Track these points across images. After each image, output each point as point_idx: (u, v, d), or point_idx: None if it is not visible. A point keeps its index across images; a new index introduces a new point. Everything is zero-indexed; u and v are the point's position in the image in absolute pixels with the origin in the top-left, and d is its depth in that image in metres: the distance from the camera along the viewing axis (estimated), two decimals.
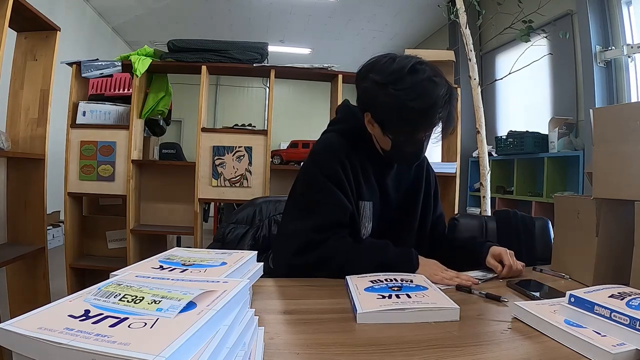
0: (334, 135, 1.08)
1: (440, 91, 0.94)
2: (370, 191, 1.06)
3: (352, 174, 1.02)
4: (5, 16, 1.63)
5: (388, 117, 0.97)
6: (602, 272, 0.92)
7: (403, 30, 6.58)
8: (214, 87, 8.99)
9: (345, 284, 0.84)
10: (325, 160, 1.02)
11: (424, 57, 1.06)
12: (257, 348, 0.49)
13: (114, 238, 2.47)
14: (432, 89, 0.93)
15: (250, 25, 6.62)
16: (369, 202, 1.05)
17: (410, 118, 0.94)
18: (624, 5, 3.38)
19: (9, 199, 1.97)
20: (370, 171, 1.06)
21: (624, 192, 0.86)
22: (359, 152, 1.05)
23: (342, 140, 1.06)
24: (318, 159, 1.05)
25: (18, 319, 0.36)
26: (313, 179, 1.02)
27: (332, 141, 1.07)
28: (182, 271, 0.58)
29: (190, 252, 0.69)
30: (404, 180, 1.14)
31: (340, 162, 1.01)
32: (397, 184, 1.12)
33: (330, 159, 1.02)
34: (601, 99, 3.38)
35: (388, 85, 0.93)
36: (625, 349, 0.53)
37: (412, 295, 0.74)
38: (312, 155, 1.07)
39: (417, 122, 0.95)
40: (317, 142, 1.10)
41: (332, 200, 0.99)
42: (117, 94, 2.67)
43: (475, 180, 3.90)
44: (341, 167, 1.01)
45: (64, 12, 4.95)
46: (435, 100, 0.93)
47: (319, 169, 1.02)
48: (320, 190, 1.00)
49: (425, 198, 1.17)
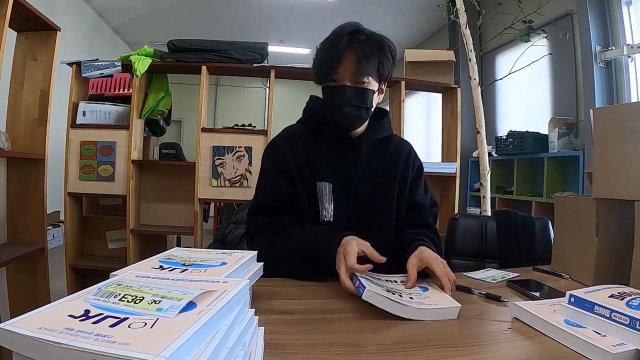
0: (295, 125, 1.15)
1: (344, 26, 1.01)
2: (330, 173, 1.05)
3: (307, 158, 1.06)
4: (5, 16, 1.63)
5: (314, 70, 1.05)
6: (602, 272, 0.92)
7: (403, 30, 6.58)
8: (214, 87, 8.99)
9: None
10: (274, 147, 1.10)
11: (424, 57, 1.08)
12: (257, 348, 0.49)
13: (114, 238, 2.47)
14: (338, 27, 1.02)
15: (250, 25, 6.62)
16: (328, 184, 1.04)
17: (320, 58, 1.02)
18: (624, 5, 3.38)
19: (9, 199, 1.97)
20: (333, 155, 1.07)
21: (624, 192, 0.86)
22: (321, 137, 1.09)
23: (301, 129, 1.12)
24: (269, 146, 1.12)
25: (18, 319, 0.36)
26: (262, 166, 1.11)
27: (289, 130, 1.14)
28: (182, 271, 0.58)
29: (190, 252, 0.69)
30: (377, 165, 1.11)
31: (290, 147, 1.07)
32: (368, 168, 1.09)
33: (279, 146, 1.09)
34: (601, 99, 3.38)
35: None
36: (625, 349, 0.53)
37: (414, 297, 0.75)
38: (270, 143, 1.14)
39: (326, 57, 1.00)
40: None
41: (269, 186, 1.06)
42: (117, 94, 2.67)
43: (475, 180, 3.90)
44: (291, 153, 1.06)
45: (64, 12, 4.95)
46: (337, 33, 1.00)
47: (267, 156, 1.10)
48: (261, 177, 1.10)
49: (402, 183, 1.12)
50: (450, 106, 2.84)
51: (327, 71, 1.00)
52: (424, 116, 6.59)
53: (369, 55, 0.98)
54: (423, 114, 6.59)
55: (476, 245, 1.45)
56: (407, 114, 2.67)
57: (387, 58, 1.02)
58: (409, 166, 1.14)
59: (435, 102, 5.24)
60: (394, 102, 2.73)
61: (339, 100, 1.01)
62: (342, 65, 0.99)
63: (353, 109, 1.02)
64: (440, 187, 2.88)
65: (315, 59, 1.04)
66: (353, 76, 0.99)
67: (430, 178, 2.77)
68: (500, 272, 1.04)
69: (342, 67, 0.99)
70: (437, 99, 3.54)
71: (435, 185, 2.88)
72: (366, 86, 1.01)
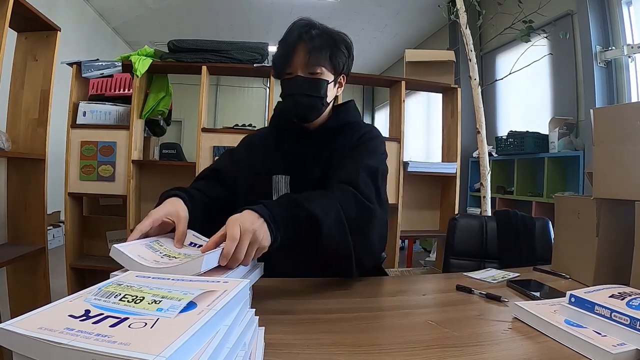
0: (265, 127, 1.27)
1: (297, 22, 1.06)
2: (286, 165, 1.08)
3: (265, 151, 1.12)
4: (5, 16, 1.63)
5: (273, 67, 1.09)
6: (602, 272, 0.92)
7: (403, 30, 6.58)
8: (214, 87, 8.99)
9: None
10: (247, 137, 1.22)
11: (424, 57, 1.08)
12: (257, 348, 0.49)
13: (114, 238, 2.46)
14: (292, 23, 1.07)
15: (251, 25, 6.62)
16: (285, 176, 1.06)
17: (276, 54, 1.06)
18: (624, 5, 3.38)
19: (9, 199, 1.97)
20: (290, 149, 1.10)
21: (624, 192, 0.86)
22: (283, 134, 1.14)
23: (268, 128, 1.22)
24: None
25: (18, 319, 0.36)
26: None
27: (262, 128, 1.30)
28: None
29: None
30: (323, 153, 1.07)
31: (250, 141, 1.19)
32: (316, 157, 1.07)
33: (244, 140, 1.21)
34: (601, 99, 3.38)
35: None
36: (625, 349, 0.53)
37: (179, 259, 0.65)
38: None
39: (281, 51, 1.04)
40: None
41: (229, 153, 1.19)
42: (117, 94, 2.67)
43: (476, 180, 3.90)
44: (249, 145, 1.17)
45: (64, 12, 4.95)
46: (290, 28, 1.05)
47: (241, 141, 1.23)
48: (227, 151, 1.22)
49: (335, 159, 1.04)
50: (450, 106, 2.84)
51: (282, 64, 1.05)
52: (424, 116, 6.59)
53: (319, 47, 1.03)
54: (423, 114, 6.60)
55: (476, 245, 1.45)
56: (407, 114, 2.68)
57: (339, 50, 1.06)
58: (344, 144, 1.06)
59: (435, 102, 5.24)
60: (394, 102, 2.73)
61: (292, 90, 1.05)
62: (294, 58, 1.03)
63: (306, 98, 1.04)
64: (440, 187, 2.89)
65: (274, 56, 1.09)
66: (305, 67, 1.03)
67: (431, 178, 2.80)
68: (500, 272, 1.04)
69: (295, 59, 1.03)
70: (437, 99, 3.54)
71: (435, 186, 2.88)
72: (319, 76, 1.04)
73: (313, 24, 1.07)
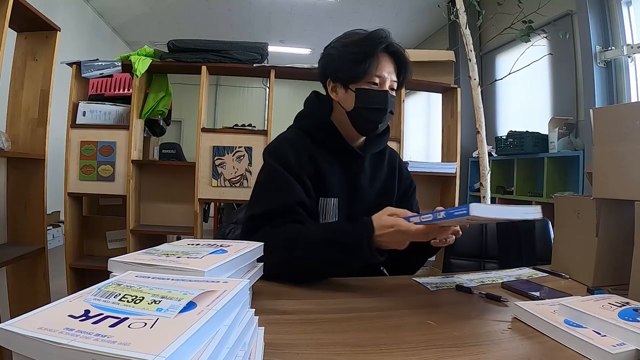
0: (295, 131, 1.08)
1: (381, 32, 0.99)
2: (335, 187, 1.02)
3: (312, 169, 1.00)
4: (5, 16, 1.63)
5: (340, 64, 1.00)
6: (602, 272, 0.92)
7: (403, 30, 6.57)
8: (214, 87, 8.99)
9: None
10: (279, 150, 1.01)
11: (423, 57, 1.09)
12: (257, 348, 0.49)
13: (114, 238, 2.47)
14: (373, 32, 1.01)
15: (251, 25, 6.62)
16: (333, 199, 1.01)
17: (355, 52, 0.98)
18: (624, 5, 3.39)
19: (9, 199, 1.97)
20: (338, 166, 1.03)
21: (624, 192, 0.86)
22: (324, 147, 1.04)
23: (302, 136, 1.05)
24: (274, 150, 1.03)
25: (18, 319, 0.36)
26: (267, 167, 1.01)
27: (290, 136, 1.06)
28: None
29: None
30: (378, 176, 1.10)
31: (295, 153, 0.99)
32: (371, 180, 1.08)
33: (284, 149, 1.01)
34: (601, 99, 3.38)
35: (337, 44, 1.03)
36: (625, 349, 0.53)
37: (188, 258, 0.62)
38: (268, 149, 1.05)
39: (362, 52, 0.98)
40: (277, 137, 1.09)
41: (283, 187, 0.95)
42: (117, 94, 2.67)
43: (475, 180, 3.90)
44: (296, 158, 0.98)
45: (64, 12, 4.95)
46: (372, 33, 0.99)
47: (273, 159, 1.00)
48: (272, 179, 0.98)
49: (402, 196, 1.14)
50: (450, 106, 2.83)
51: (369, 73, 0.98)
52: (424, 116, 6.59)
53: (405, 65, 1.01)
54: (423, 114, 6.60)
55: (476, 245, 1.45)
56: (407, 114, 2.68)
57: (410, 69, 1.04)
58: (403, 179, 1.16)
59: (435, 102, 5.24)
60: None
61: (382, 104, 0.99)
62: (387, 71, 0.99)
63: (388, 116, 1.02)
64: (440, 187, 2.88)
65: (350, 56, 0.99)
66: (392, 83, 1.00)
67: (430, 178, 2.80)
68: (500, 272, 1.04)
69: (387, 73, 0.99)
70: (437, 99, 3.54)
71: (435, 185, 2.88)
72: (394, 93, 1.03)
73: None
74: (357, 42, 0.99)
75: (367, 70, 0.98)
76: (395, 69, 1.01)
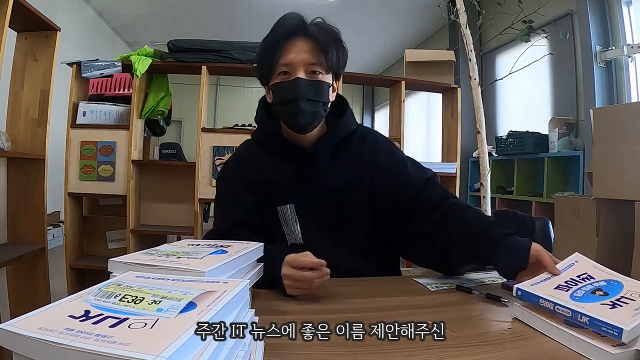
0: (246, 143, 1.08)
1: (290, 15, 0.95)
2: (290, 192, 0.96)
3: (259, 180, 0.97)
4: (5, 16, 1.63)
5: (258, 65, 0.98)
6: None
7: (403, 30, 6.58)
8: (214, 87, 8.99)
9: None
10: (224, 170, 1.05)
11: (424, 57, 1.07)
12: (257, 348, 0.49)
13: (114, 238, 2.47)
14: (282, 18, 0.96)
15: (251, 25, 6.62)
16: (289, 205, 0.95)
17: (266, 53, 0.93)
18: (624, 5, 3.39)
19: (9, 199, 1.97)
20: (290, 171, 0.97)
21: (624, 192, 0.86)
22: (273, 152, 1.00)
23: (254, 147, 1.04)
24: (223, 170, 1.06)
25: (18, 319, 0.36)
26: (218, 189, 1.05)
27: (239, 150, 1.08)
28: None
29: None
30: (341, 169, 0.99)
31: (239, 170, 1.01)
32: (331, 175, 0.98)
33: (228, 168, 1.04)
34: (601, 99, 3.38)
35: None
36: (625, 349, 0.53)
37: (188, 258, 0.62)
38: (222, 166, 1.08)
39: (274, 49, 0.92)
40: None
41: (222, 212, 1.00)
42: (117, 94, 2.67)
43: (475, 180, 3.90)
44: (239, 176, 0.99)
45: (64, 12, 4.95)
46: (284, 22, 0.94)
47: (219, 179, 1.06)
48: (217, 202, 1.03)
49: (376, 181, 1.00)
50: (450, 106, 2.84)
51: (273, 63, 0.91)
52: (424, 116, 6.59)
53: (325, 45, 0.91)
54: (423, 114, 6.60)
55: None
56: (407, 114, 2.68)
57: (343, 49, 0.95)
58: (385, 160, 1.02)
59: (435, 102, 5.24)
60: (394, 102, 2.73)
61: (293, 95, 0.90)
62: (292, 56, 0.90)
63: (310, 105, 0.91)
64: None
65: (261, 56, 0.95)
66: (306, 67, 0.90)
67: None
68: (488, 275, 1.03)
69: (293, 57, 0.90)
70: (437, 99, 3.54)
71: None
72: (321, 79, 0.92)
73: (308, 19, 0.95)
74: (265, 39, 0.96)
75: (272, 62, 0.91)
76: (311, 49, 0.91)
